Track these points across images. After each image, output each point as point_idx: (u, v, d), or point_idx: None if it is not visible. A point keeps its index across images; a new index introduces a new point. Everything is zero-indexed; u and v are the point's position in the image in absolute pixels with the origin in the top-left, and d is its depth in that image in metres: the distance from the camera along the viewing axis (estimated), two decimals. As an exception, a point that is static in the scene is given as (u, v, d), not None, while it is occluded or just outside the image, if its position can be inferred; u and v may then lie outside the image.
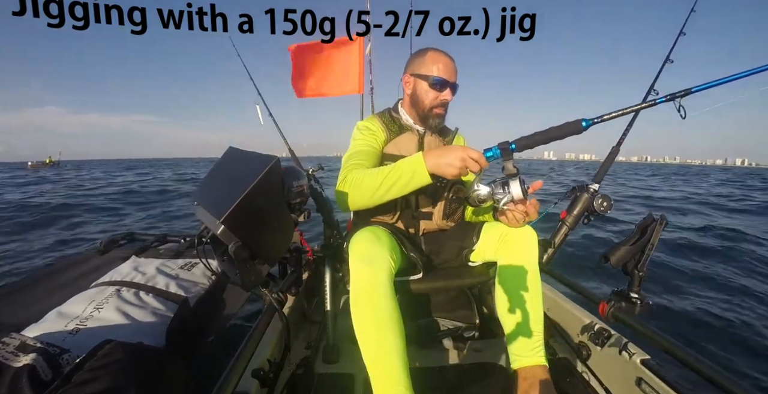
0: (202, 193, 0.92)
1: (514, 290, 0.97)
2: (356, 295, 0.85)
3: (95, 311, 0.80)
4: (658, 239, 0.94)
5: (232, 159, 0.92)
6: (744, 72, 0.93)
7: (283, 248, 0.89)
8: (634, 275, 0.97)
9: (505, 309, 0.98)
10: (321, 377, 1.10)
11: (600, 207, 1.21)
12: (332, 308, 1.22)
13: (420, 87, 1.13)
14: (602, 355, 1.09)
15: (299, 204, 1.02)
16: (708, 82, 0.95)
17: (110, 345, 0.60)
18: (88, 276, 1.04)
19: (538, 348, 0.93)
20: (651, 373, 0.90)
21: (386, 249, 0.89)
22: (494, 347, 1.27)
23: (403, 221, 1.16)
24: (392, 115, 1.22)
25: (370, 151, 1.12)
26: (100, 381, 0.53)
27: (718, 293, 2.74)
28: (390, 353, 0.81)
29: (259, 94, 2.12)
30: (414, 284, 1.05)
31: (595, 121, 0.95)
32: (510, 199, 0.91)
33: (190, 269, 1.10)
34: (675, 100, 0.97)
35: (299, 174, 1.05)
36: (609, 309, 0.97)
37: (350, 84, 2.46)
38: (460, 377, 1.12)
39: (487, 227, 1.10)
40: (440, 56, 1.12)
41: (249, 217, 0.71)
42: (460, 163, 0.87)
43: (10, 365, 0.59)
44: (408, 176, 0.93)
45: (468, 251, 1.11)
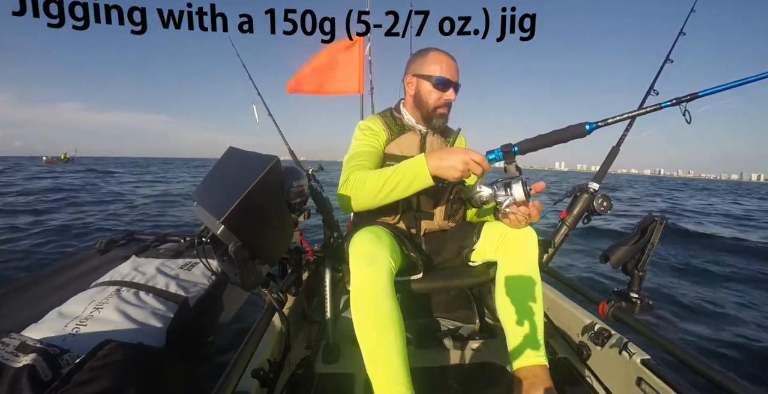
0: (202, 193, 0.92)
1: (514, 290, 0.97)
2: (357, 295, 0.85)
3: (95, 311, 0.80)
4: (658, 239, 0.94)
5: (232, 159, 0.92)
6: (755, 76, 0.90)
7: (283, 248, 0.89)
8: (634, 275, 0.97)
9: (505, 309, 0.98)
10: (321, 377, 1.10)
11: (600, 207, 1.22)
12: (332, 308, 1.22)
13: (423, 87, 1.13)
14: (602, 355, 1.09)
15: (299, 204, 1.02)
16: (715, 87, 0.93)
17: (110, 345, 0.60)
18: (88, 276, 1.04)
19: (538, 348, 0.93)
20: (651, 373, 0.90)
21: (387, 249, 0.89)
22: (494, 347, 1.27)
23: (404, 221, 1.16)
24: (394, 115, 1.22)
25: (371, 152, 1.12)
26: (100, 381, 0.53)
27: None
28: (390, 353, 0.81)
29: (259, 94, 2.12)
30: (414, 283, 1.05)
31: (599, 124, 0.93)
32: (512, 201, 0.91)
33: (190, 269, 1.10)
34: (680, 104, 0.95)
35: (299, 174, 1.05)
36: (609, 309, 0.97)
37: (350, 84, 2.46)
38: (460, 377, 1.12)
39: (488, 227, 1.09)
40: (442, 56, 1.12)
41: (249, 217, 0.71)
42: (462, 166, 0.87)
43: (10, 365, 0.59)
44: (410, 179, 0.93)
45: (468, 250, 1.11)
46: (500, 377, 1.10)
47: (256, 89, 2.11)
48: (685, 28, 1.45)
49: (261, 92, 2.13)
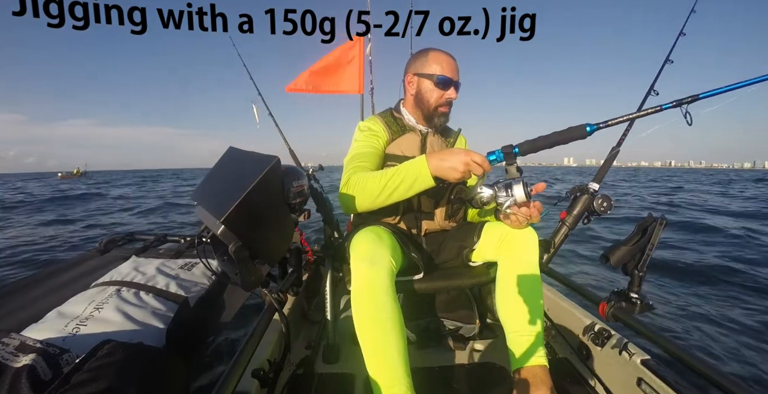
0: (202, 193, 0.92)
1: (515, 290, 0.97)
2: (357, 295, 0.85)
3: (95, 311, 0.80)
4: (658, 239, 0.94)
5: (232, 159, 0.92)
6: (756, 78, 0.89)
7: (283, 248, 0.89)
8: (634, 275, 0.97)
9: (506, 309, 0.98)
10: (321, 377, 1.10)
11: (600, 207, 1.21)
12: (332, 308, 1.22)
13: (424, 86, 1.13)
14: (602, 355, 1.09)
15: (299, 204, 1.02)
16: (716, 89, 0.93)
17: (110, 345, 0.60)
18: (88, 276, 1.04)
19: (538, 348, 0.93)
20: (651, 373, 0.90)
21: (387, 249, 0.89)
22: (494, 347, 1.27)
23: (405, 221, 1.16)
24: (394, 115, 1.22)
25: (372, 153, 1.12)
26: (100, 381, 0.53)
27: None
28: (391, 353, 0.81)
29: (259, 94, 2.12)
30: (415, 284, 1.05)
31: (600, 126, 0.93)
32: (513, 201, 0.91)
33: (190, 269, 1.09)
34: (682, 106, 0.95)
35: (299, 174, 1.05)
36: (609, 309, 0.97)
37: (350, 84, 2.46)
38: (461, 377, 1.12)
39: (488, 227, 1.10)
40: (443, 55, 1.12)
41: (249, 217, 0.71)
42: (463, 167, 0.87)
43: (10, 365, 0.59)
44: (411, 179, 0.93)
45: (468, 250, 1.11)
46: (500, 377, 1.10)
47: (256, 88, 2.11)
48: (685, 28, 1.45)
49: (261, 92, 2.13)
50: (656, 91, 1.33)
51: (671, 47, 1.42)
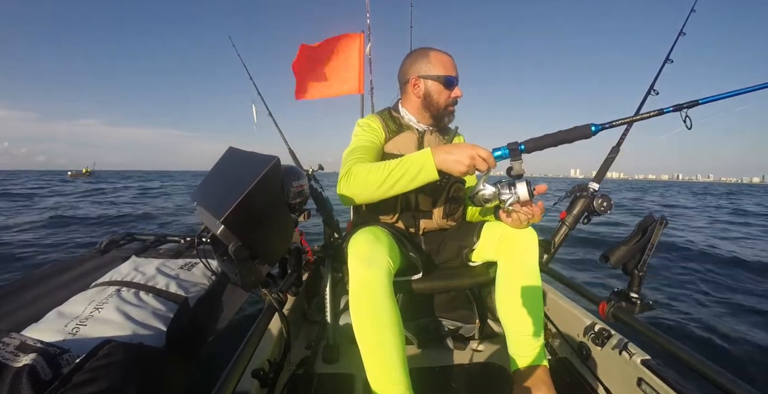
0: (202, 193, 0.92)
1: (515, 290, 0.97)
2: (355, 295, 0.85)
3: (95, 311, 0.80)
4: (657, 239, 0.94)
5: (232, 159, 0.92)
6: (756, 85, 0.91)
7: (283, 248, 0.89)
8: (634, 275, 0.97)
9: (505, 309, 0.98)
10: (321, 377, 1.10)
11: (600, 207, 1.22)
12: (332, 308, 1.22)
13: (433, 88, 1.13)
14: (602, 355, 1.09)
15: (299, 204, 1.02)
16: (716, 95, 0.95)
17: (110, 345, 0.60)
18: (88, 276, 1.04)
19: (538, 348, 0.93)
20: (651, 373, 0.90)
21: (385, 249, 0.89)
22: (494, 347, 1.27)
23: (403, 220, 1.16)
24: (392, 115, 1.22)
25: (371, 147, 1.11)
26: (100, 382, 0.53)
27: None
28: (389, 354, 0.81)
29: (259, 94, 2.13)
30: (414, 284, 1.05)
31: (605, 126, 0.95)
32: (516, 200, 0.91)
33: (190, 269, 1.09)
34: (681, 110, 0.96)
35: (299, 174, 1.05)
36: (609, 309, 0.97)
37: (350, 84, 2.45)
38: (460, 377, 1.12)
39: (488, 227, 1.09)
40: (443, 55, 1.13)
41: (249, 217, 0.71)
42: (468, 161, 0.87)
43: (10, 365, 0.59)
44: (415, 171, 0.91)
45: (468, 250, 1.11)
46: (500, 377, 1.10)
47: (256, 88, 2.11)
48: (685, 28, 1.45)
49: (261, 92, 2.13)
50: (656, 90, 1.33)
51: (671, 47, 1.43)
